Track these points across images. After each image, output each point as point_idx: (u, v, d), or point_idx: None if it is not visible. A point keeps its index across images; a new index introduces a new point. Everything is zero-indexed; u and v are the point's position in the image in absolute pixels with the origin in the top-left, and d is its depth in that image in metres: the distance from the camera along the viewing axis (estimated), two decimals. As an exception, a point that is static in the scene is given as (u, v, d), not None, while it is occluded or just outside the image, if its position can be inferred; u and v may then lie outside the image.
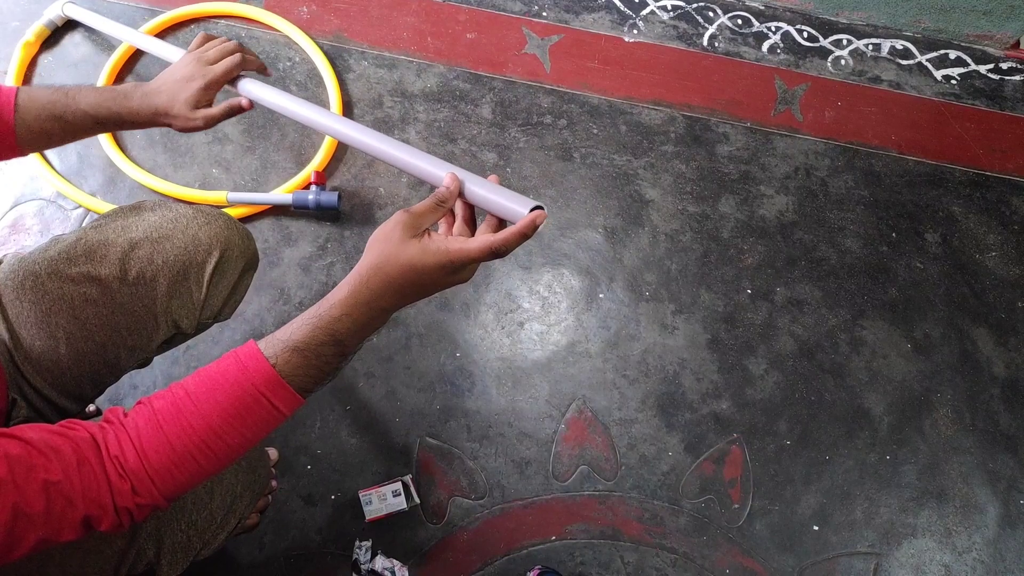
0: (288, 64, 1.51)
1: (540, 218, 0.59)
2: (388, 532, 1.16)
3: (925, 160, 1.61)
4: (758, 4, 1.77)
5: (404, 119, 1.49)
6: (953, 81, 1.73)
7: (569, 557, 1.18)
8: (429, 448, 1.22)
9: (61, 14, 1.43)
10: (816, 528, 1.25)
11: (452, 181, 0.63)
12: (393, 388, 1.26)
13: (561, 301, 1.37)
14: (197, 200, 1.32)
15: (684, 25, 1.71)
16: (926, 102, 1.69)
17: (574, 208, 1.45)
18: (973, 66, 1.76)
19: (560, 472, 1.23)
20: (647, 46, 1.67)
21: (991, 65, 1.77)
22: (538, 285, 1.38)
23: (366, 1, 1.61)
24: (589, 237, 1.43)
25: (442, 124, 1.50)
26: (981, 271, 1.50)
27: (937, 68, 1.74)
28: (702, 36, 1.70)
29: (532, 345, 1.32)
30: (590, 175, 1.49)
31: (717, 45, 1.69)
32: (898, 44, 1.76)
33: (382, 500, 1.14)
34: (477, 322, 1.33)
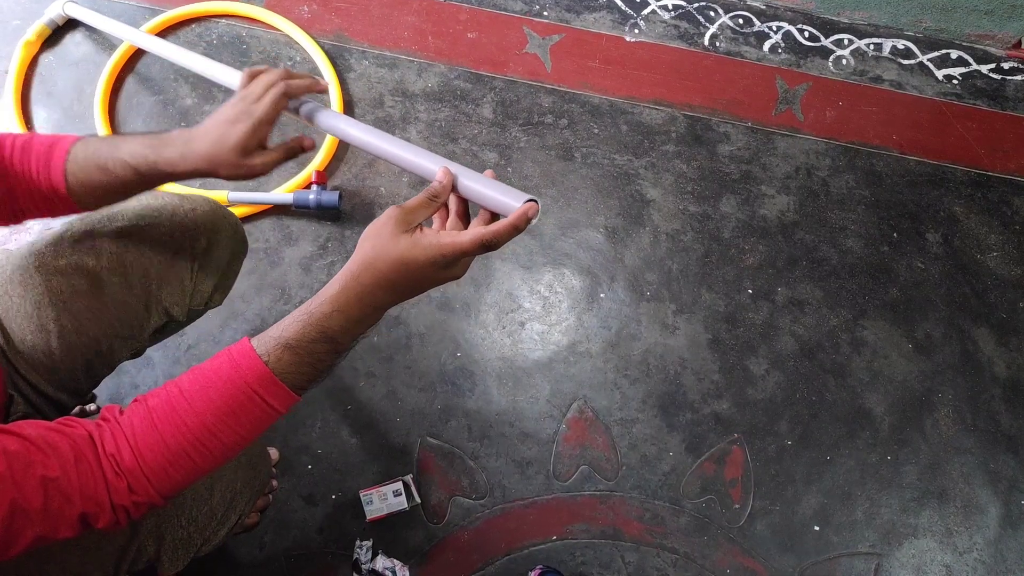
0: (289, 64, 1.51)
1: (532, 211, 0.59)
2: (389, 532, 1.16)
3: (926, 160, 1.61)
4: (759, 4, 1.76)
5: (405, 119, 1.49)
6: (955, 81, 1.73)
7: (570, 557, 1.18)
8: (430, 448, 1.22)
9: (62, 13, 1.43)
10: (817, 528, 1.25)
11: (445, 176, 0.62)
12: (394, 388, 1.26)
13: (562, 301, 1.37)
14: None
15: (685, 25, 1.71)
16: (927, 102, 1.69)
17: (575, 208, 1.45)
18: (975, 66, 1.76)
19: (561, 472, 1.23)
20: (648, 46, 1.66)
21: (993, 65, 1.77)
22: (539, 285, 1.38)
23: (367, 0, 1.61)
24: (590, 237, 1.43)
25: (443, 124, 1.50)
26: (982, 271, 1.50)
27: (938, 68, 1.74)
28: (703, 36, 1.70)
29: (533, 345, 1.32)
30: (591, 175, 1.49)
31: (718, 45, 1.69)
32: (899, 44, 1.76)
33: (383, 500, 1.14)
34: (478, 322, 1.33)
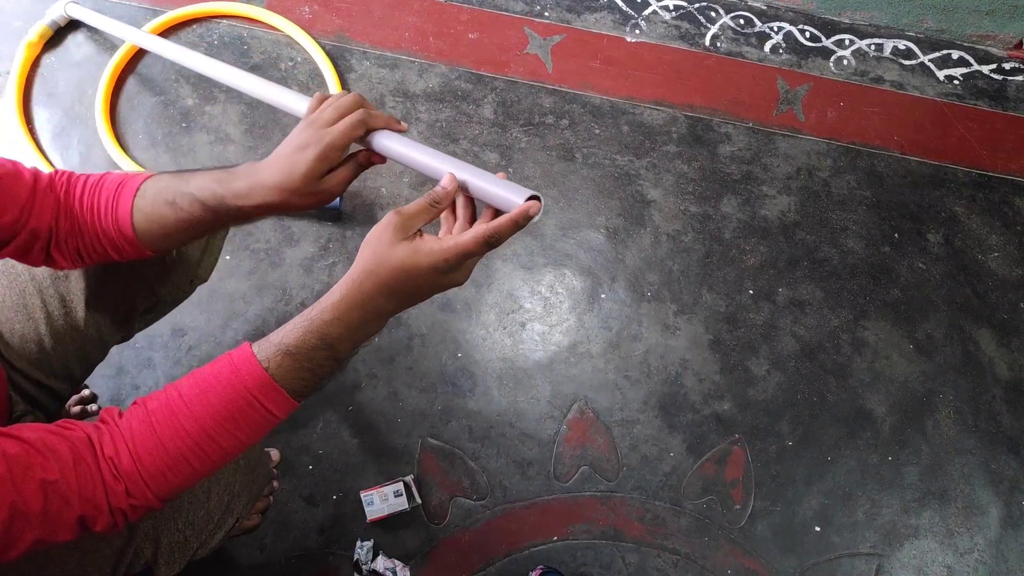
0: (290, 64, 1.51)
1: (534, 208, 0.57)
2: (390, 532, 1.16)
3: (927, 160, 1.61)
4: (760, 4, 1.76)
5: (406, 119, 1.49)
6: (956, 81, 1.73)
7: (571, 558, 1.18)
8: (431, 448, 1.22)
9: (64, 14, 1.43)
10: (818, 529, 1.24)
11: (450, 183, 0.61)
12: (395, 389, 1.26)
13: (563, 301, 1.37)
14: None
15: (686, 25, 1.70)
16: (928, 102, 1.69)
17: (576, 208, 1.45)
18: (976, 66, 1.76)
19: (562, 473, 1.23)
20: (649, 46, 1.66)
21: (994, 65, 1.76)
22: (540, 285, 1.38)
23: (368, 1, 1.61)
24: (591, 237, 1.43)
25: (444, 124, 1.50)
26: (984, 272, 1.50)
27: (940, 68, 1.74)
28: (704, 36, 1.70)
29: (534, 345, 1.32)
30: (592, 175, 1.49)
31: (719, 45, 1.69)
32: (901, 44, 1.76)
33: (384, 500, 1.14)
34: (479, 322, 1.33)
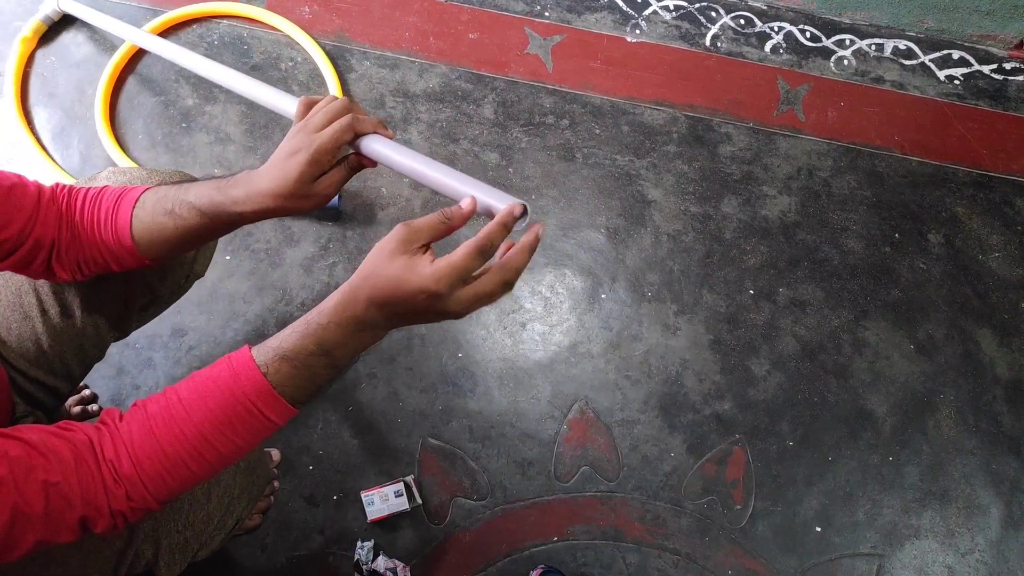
0: (290, 64, 1.51)
1: (517, 208, 0.57)
2: (390, 532, 1.16)
3: (928, 160, 1.61)
4: (761, 4, 1.76)
5: (406, 119, 1.49)
6: (956, 81, 1.73)
7: (571, 558, 1.18)
8: (431, 449, 1.22)
9: (57, 8, 1.44)
10: (819, 529, 1.24)
11: (468, 204, 0.59)
12: (395, 389, 1.26)
13: (563, 301, 1.37)
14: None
15: (686, 25, 1.70)
16: (929, 102, 1.69)
17: (576, 208, 1.45)
18: (976, 66, 1.76)
19: (562, 473, 1.23)
20: (649, 46, 1.66)
21: (994, 65, 1.76)
22: (540, 285, 1.38)
23: (368, 1, 1.61)
24: (591, 237, 1.43)
25: (444, 124, 1.50)
26: (984, 272, 1.50)
27: (940, 68, 1.74)
28: (704, 36, 1.70)
29: (534, 346, 1.32)
30: (592, 175, 1.49)
31: (720, 45, 1.69)
32: (901, 44, 1.76)
33: (384, 500, 1.14)
34: (479, 322, 1.33)
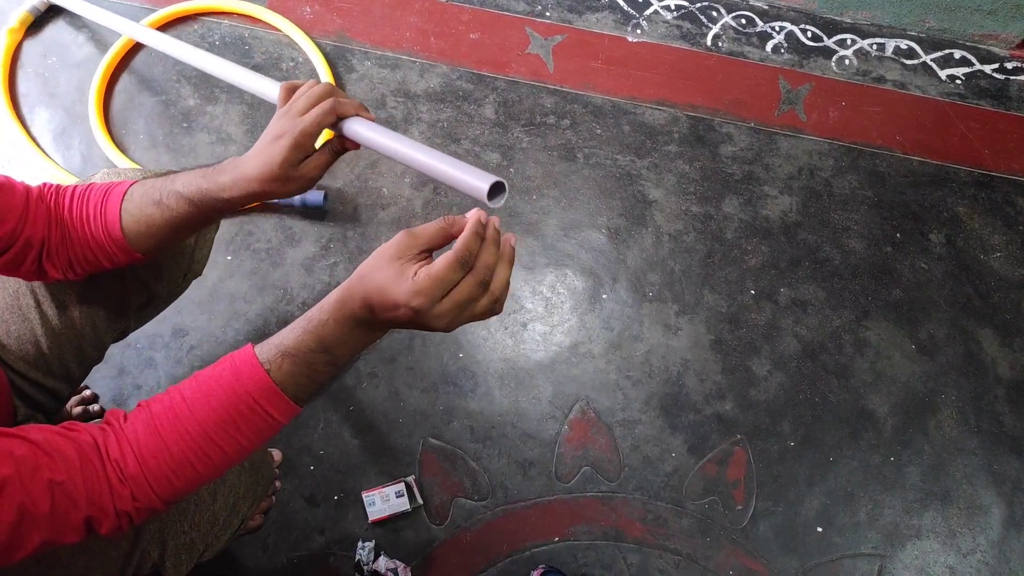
0: (291, 64, 1.51)
1: (484, 215, 0.56)
2: (391, 533, 1.16)
3: (929, 160, 1.61)
4: (762, 4, 1.76)
5: (407, 119, 1.49)
6: (958, 81, 1.73)
7: (572, 558, 1.18)
8: (432, 449, 1.22)
9: None
10: (820, 529, 1.24)
11: (473, 215, 0.57)
12: (396, 389, 1.26)
13: (564, 302, 1.37)
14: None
15: (688, 25, 1.70)
16: (931, 102, 1.69)
17: (577, 208, 1.45)
18: (978, 66, 1.75)
19: (563, 473, 1.23)
20: (650, 46, 1.66)
21: (996, 65, 1.76)
22: (541, 286, 1.38)
23: (369, 1, 1.61)
24: (592, 237, 1.43)
25: (445, 124, 1.49)
26: (986, 272, 1.50)
27: (942, 68, 1.74)
28: (706, 36, 1.70)
29: (535, 346, 1.32)
30: (593, 175, 1.49)
31: (721, 45, 1.69)
32: (902, 44, 1.76)
33: (385, 501, 1.14)
34: (480, 323, 1.33)
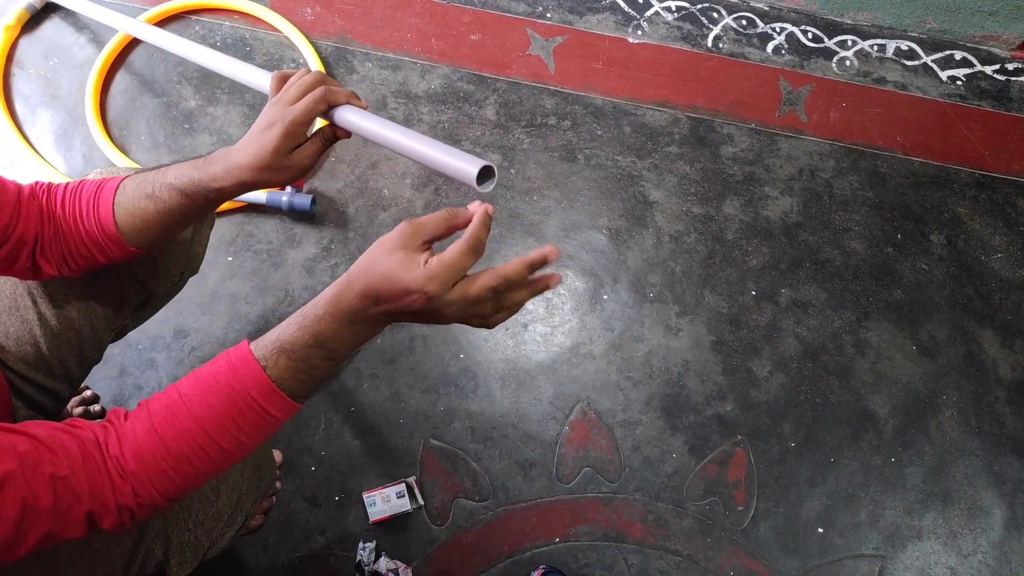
0: (292, 66, 1.51)
1: (491, 209, 0.57)
2: (392, 533, 1.16)
3: (930, 161, 1.61)
4: (763, 5, 1.76)
5: (408, 120, 1.49)
6: (959, 82, 1.73)
7: (573, 559, 1.18)
8: (433, 450, 1.22)
9: None
10: (821, 530, 1.24)
11: (477, 207, 0.58)
12: (397, 390, 1.26)
13: (565, 303, 1.37)
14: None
15: (688, 26, 1.70)
16: (931, 103, 1.69)
17: (578, 209, 1.45)
18: (979, 67, 1.75)
19: (564, 474, 1.23)
20: (651, 47, 1.66)
21: (997, 66, 1.76)
22: (542, 286, 1.38)
23: (370, 2, 1.62)
24: (593, 238, 1.43)
25: (446, 125, 1.50)
26: (987, 273, 1.49)
27: (942, 69, 1.74)
28: (706, 37, 1.70)
29: (536, 347, 1.32)
30: (594, 176, 1.49)
31: (721, 46, 1.69)
32: (903, 45, 1.76)
33: (386, 501, 1.14)
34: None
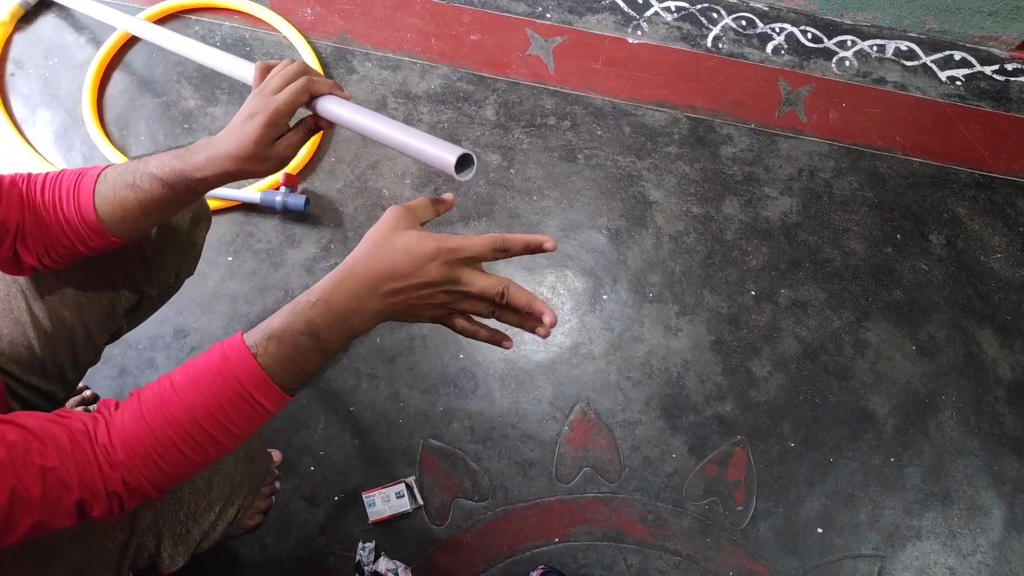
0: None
1: (548, 243, 0.62)
2: (391, 533, 1.16)
3: (930, 161, 1.61)
4: (762, 5, 1.76)
5: (408, 120, 1.49)
6: (958, 82, 1.73)
7: (572, 559, 1.18)
8: (432, 450, 1.22)
9: None
10: (820, 530, 1.24)
11: (449, 196, 0.67)
12: (396, 389, 1.26)
13: (565, 303, 1.37)
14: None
15: (688, 26, 1.71)
16: (931, 103, 1.69)
17: (578, 209, 1.45)
18: (978, 67, 1.76)
19: (563, 474, 1.23)
20: (651, 47, 1.66)
21: (996, 66, 1.76)
22: (542, 287, 1.38)
23: (370, 2, 1.62)
24: (593, 238, 1.43)
25: (446, 125, 1.50)
26: (986, 273, 1.50)
27: (942, 69, 1.74)
28: (706, 37, 1.70)
29: (535, 347, 1.32)
30: (594, 176, 1.49)
31: (721, 46, 1.69)
32: (903, 45, 1.76)
33: (385, 501, 1.14)
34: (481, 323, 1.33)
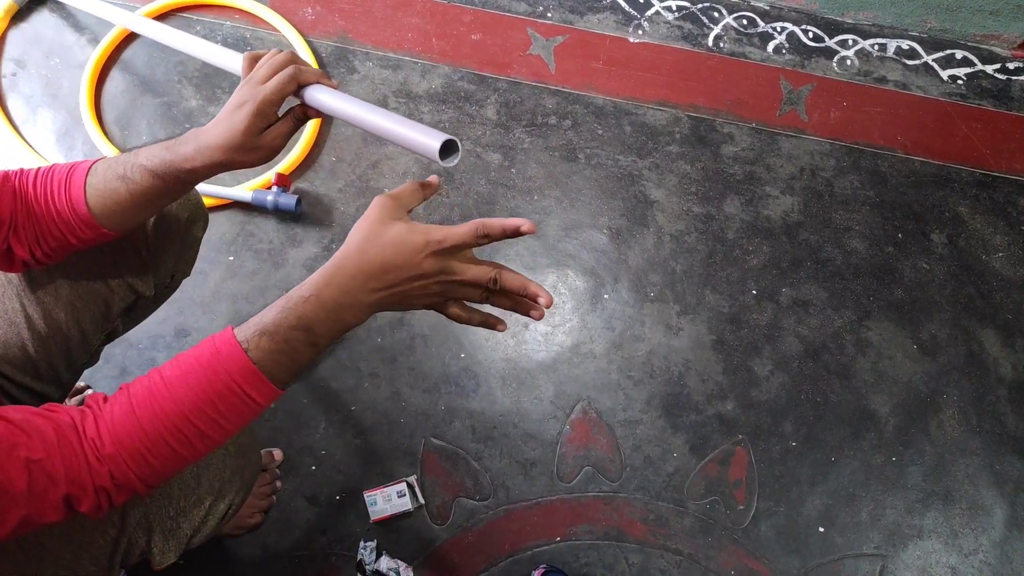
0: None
1: (525, 225, 0.64)
2: (393, 533, 1.16)
3: (931, 160, 1.61)
4: (763, 4, 1.76)
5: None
6: (959, 81, 1.73)
7: (574, 558, 1.18)
8: (434, 449, 1.22)
9: None
10: (821, 530, 1.24)
11: (435, 179, 0.68)
12: (398, 389, 1.26)
13: (566, 302, 1.37)
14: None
15: (689, 25, 1.70)
16: (932, 102, 1.69)
17: (579, 209, 1.45)
18: (980, 66, 1.75)
19: (565, 473, 1.23)
20: (652, 47, 1.66)
21: (998, 65, 1.76)
22: (543, 286, 1.38)
23: (371, 2, 1.62)
24: (594, 238, 1.43)
25: (447, 125, 1.50)
26: (988, 272, 1.49)
27: (943, 68, 1.74)
28: (707, 36, 1.70)
29: (537, 346, 1.32)
30: (595, 176, 1.49)
31: (722, 45, 1.69)
32: (904, 44, 1.76)
33: (387, 501, 1.15)
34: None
